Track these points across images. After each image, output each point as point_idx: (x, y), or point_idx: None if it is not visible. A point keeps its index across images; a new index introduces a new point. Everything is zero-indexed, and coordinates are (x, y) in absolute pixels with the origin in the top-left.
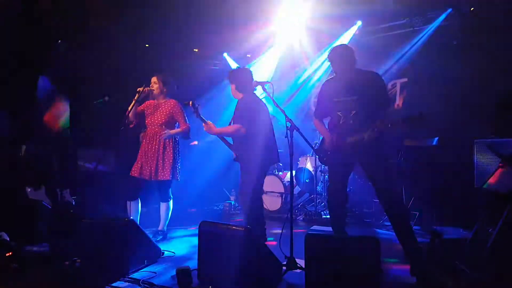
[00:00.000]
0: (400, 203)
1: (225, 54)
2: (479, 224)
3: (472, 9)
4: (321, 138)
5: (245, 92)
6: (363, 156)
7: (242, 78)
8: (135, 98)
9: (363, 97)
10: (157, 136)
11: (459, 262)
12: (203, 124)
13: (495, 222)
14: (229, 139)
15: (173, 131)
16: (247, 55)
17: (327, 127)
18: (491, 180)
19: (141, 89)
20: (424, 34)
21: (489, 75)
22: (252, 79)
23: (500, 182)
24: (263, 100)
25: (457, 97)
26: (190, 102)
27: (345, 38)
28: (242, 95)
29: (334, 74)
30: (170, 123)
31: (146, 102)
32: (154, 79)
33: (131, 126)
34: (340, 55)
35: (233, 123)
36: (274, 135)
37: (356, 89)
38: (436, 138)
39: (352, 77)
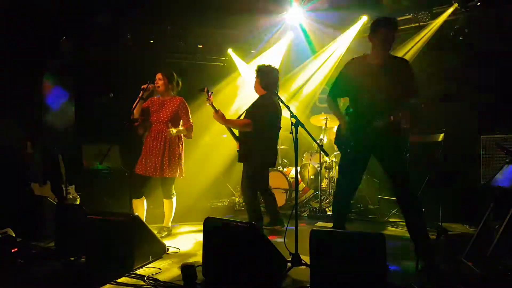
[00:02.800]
0: (414, 195)
1: (229, 50)
2: (485, 220)
3: (478, 3)
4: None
5: (268, 90)
6: (384, 143)
7: (269, 76)
8: (140, 95)
9: (392, 81)
10: (162, 134)
11: (465, 258)
12: (213, 112)
13: (501, 219)
14: (236, 132)
15: (178, 130)
16: (252, 51)
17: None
18: (497, 176)
19: (145, 86)
20: (430, 29)
21: (495, 70)
22: (278, 79)
23: (506, 178)
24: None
25: (463, 92)
26: (205, 89)
27: (351, 33)
28: (265, 92)
29: (373, 50)
30: (175, 120)
31: (151, 98)
32: (159, 75)
33: (136, 124)
34: (382, 30)
35: (244, 117)
36: (277, 139)
37: (387, 71)
38: (442, 134)
39: (385, 58)
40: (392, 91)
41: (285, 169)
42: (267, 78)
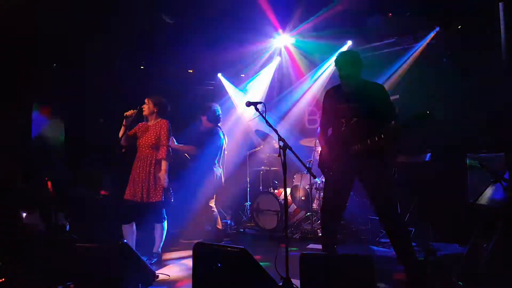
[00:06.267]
0: (400, 220)
1: (219, 75)
2: (474, 239)
3: (459, 27)
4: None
5: (213, 123)
6: (366, 168)
7: (213, 113)
8: (124, 123)
9: (366, 106)
10: (147, 158)
11: (455, 278)
12: None
13: (489, 237)
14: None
15: (163, 172)
16: (241, 75)
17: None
18: (484, 195)
19: (128, 113)
20: (413, 52)
21: (478, 91)
22: (220, 115)
23: (492, 197)
24: (256, 120)
25: (448, 113)
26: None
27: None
28: (211, 125)
29: (340, 81)
30: (159, 144)
31: (139, 124)
32: (146, 100)
33: (123, 151)
34: (347, 60)
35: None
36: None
37: (360, 96)
38: (429, 154)
39: (357, 84)
40: (367, 116)
41: (276, 191)
42: (212, 115)
